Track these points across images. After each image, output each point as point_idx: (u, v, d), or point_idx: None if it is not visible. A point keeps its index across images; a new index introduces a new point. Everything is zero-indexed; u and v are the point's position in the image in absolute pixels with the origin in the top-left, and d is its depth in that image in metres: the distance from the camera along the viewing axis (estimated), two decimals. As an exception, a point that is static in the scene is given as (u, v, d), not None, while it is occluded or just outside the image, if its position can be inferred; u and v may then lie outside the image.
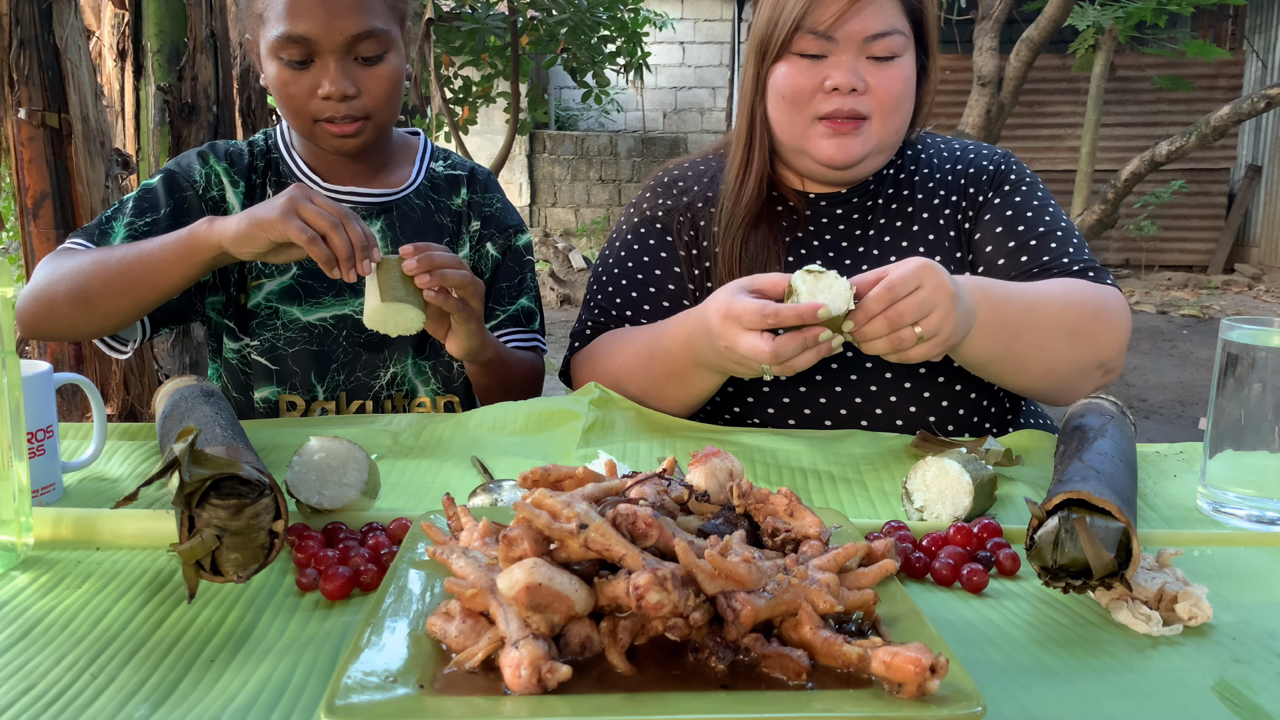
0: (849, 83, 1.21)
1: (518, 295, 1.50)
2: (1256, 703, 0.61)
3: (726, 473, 0.73)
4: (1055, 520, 0.72)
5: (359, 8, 1.28)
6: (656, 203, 1.41)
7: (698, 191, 1.39)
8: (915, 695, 0.52)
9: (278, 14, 1.28)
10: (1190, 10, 5.50)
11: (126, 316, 1.26)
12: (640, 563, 0.57)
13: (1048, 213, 1.31)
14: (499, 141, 8.05)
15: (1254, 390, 0.91)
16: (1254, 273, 8.83)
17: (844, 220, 1.34)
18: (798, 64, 1.24)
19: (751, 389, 1.29)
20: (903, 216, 1.33)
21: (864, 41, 1.22)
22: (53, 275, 1.25)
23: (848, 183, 1.34)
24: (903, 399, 1.26)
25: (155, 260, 1.20)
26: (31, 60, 2.29)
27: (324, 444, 0.88)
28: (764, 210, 1.33)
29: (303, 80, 1.30)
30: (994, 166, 1.35)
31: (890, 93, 1.23)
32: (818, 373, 1.27)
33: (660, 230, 1.38)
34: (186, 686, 0.62)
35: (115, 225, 1.33)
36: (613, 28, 6.22)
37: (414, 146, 1.51)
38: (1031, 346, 1.13)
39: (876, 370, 1.26)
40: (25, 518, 0.81)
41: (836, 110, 1.23)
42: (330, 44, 1.28)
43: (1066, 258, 1.26)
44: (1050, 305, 1.16)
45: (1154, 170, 5.28)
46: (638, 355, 1.24)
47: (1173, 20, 8.14)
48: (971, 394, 1.27)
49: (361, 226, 1.15)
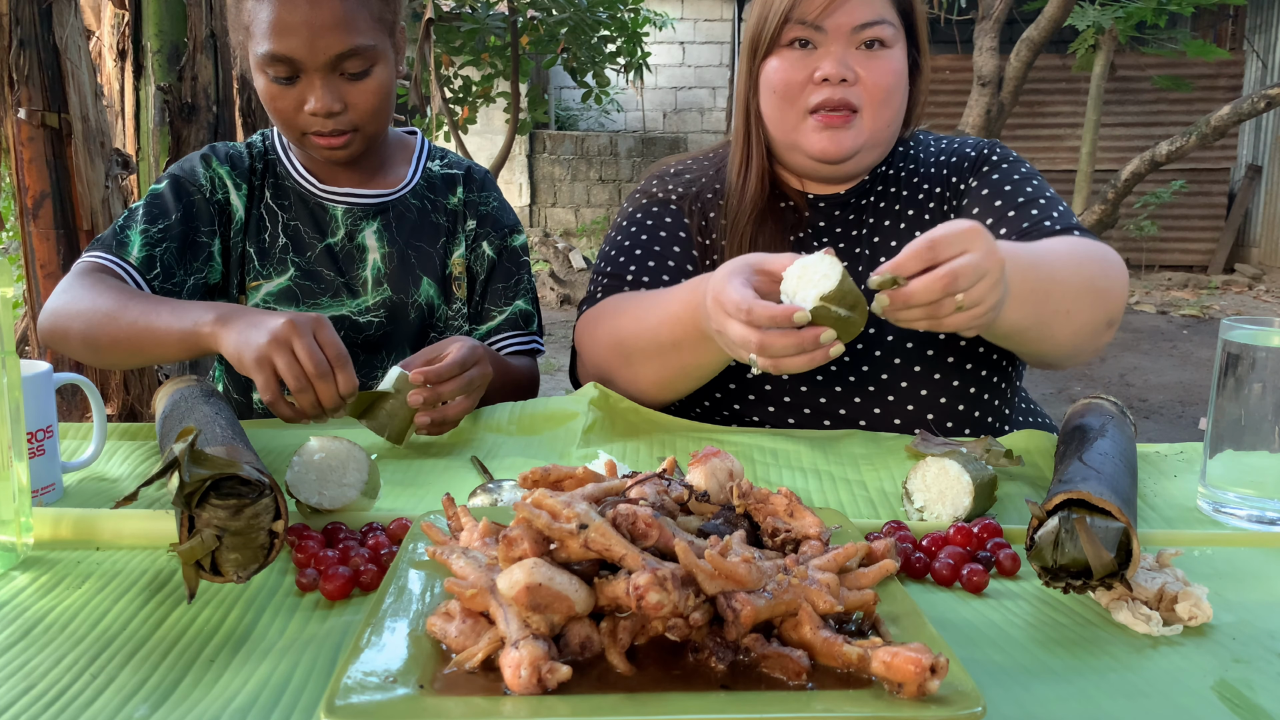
0: (838, 73, 1.21)
1: (514, 297, 1.50)
2: (1256, 703, 0.61)
3: (726, 473, 0.73)
4: (1055, 520, 0.72)
5: (343, 26, 1.27)
6: (666, 188, 1.40)
7: (705, 184, 1.39)
8: (915, 695, 0.52)
9: (263, 31, 1.27)
10: (1190, 10, 5.50)
11: (132, 368, 1.30)
12: (640, 563, 0.57)
13: (1030, 185, 1.28)
14: (499, 141, 8.05)
15: (1254, 390, 0.91)
16: (1254, 273, 8.83)
17: (841, 223, 1.34)
18: (788, 57, 1.24)
19: (752, 388, 1.29)
20: (896, 217, 1.33)
21: (852, 31, 1.22)
22: (70, 307, 1.26)
23: (842, 179, 1.33)
24: (900, 398, 1.26)
25: (159, 337, 1.19)
26: (31, 60, 2.29)
27: (324, 444, 0.88)
28: (769, 208, 1.33)
29: (289, 95, 1.30)
30: (975, 153, 1.34)
31: (881, 84, 1.23)
32: (817, 372, 1.27)
33: (676, 211, 1.38)
34: (186, 686, 0.62)
35: (131, 234, 1.33)
36: (613, 28, 6.23)
37: (411, 146, 1.51)
38: (1058, 311, 1.09)
39: (875, 370, 1.26)
40: (25, 518, 0.81)
41: (826, 101, 1.23)
42: (314, 63, 1.27)
43: (1049, 220, 1.22)
44: (1067, 264, 1.11)
45: (1154, 170, 5.28)
46: (644, 317, 1.20)
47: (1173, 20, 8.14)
48: (971, 389, 1.26)
49: (342, 377, 1.06)
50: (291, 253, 1.41)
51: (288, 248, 1.42)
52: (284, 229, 1.42)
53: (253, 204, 1.43)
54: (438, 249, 1.47)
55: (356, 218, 1.44)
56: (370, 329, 1.43)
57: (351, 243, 1.43)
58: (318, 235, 1.43)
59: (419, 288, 1.45)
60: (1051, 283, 1.08)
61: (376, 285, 1.43)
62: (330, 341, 1.06)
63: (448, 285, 1.48)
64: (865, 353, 1.26)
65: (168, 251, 1.34)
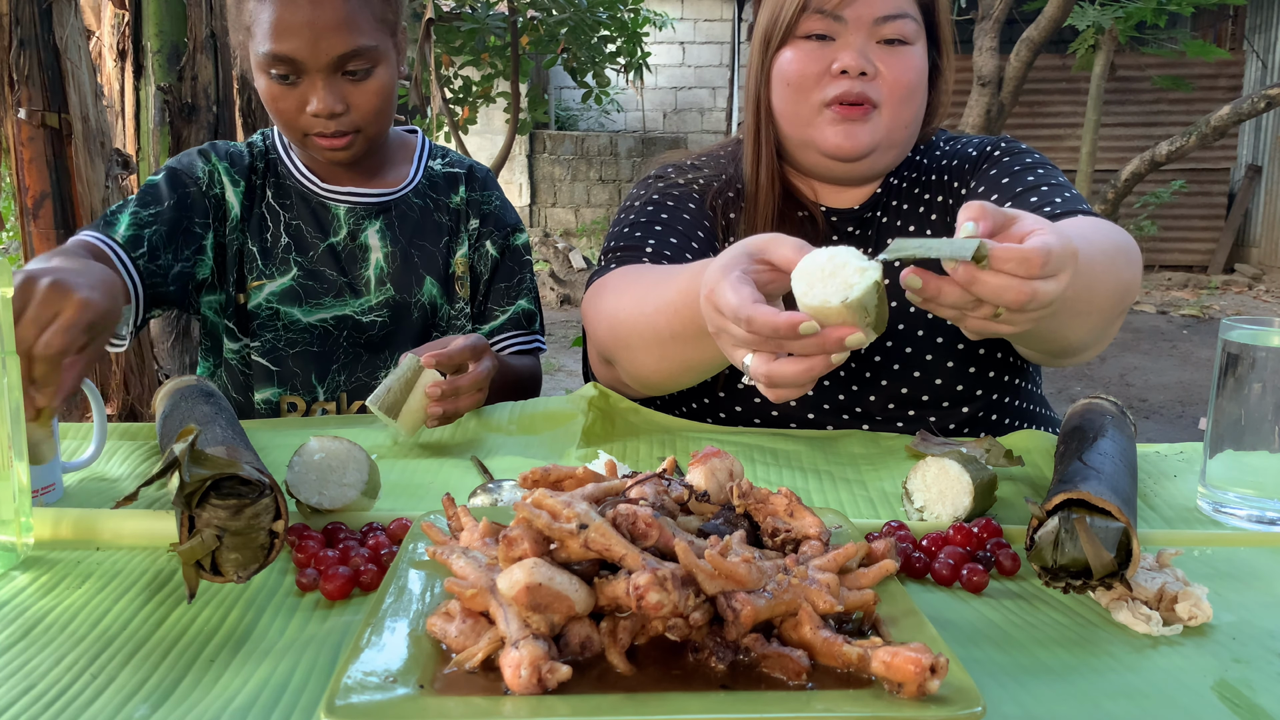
0: (858, 64, 1.15)
1: (516, 296, 1.50)
2: (1256, 703, 0.61)
3: (726, 473, 0.73)
4: (1055, 520, 0.72)
5: (345, 27, 1.27)
6: (686, 177, 1.33)
7: (726, 181, 1.32)
8: (915, 695, 0.52)
9: (264, 31, 1.27)
10: (1190, 10, 5.50)
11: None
12: (640, 563, 0.57)
13: (1037, 170, 1.21)
14: (499, 141, 8.05)
15: (1254, 390, 0.91)
16: (1254, 273, 8.83)
17: (853, 239, 1.29)
18: (804, 48, 1.19)
19: (758, 397, 1.28)
20: (909, 231, 1.29)
21: (874, 24, 1.17)
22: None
23: (855, 181, 1.28)
24: (902, 404, 1.25)
25: None
26: (31, 60, 2.29)
27: (324, 444, 0.88)
28: (785, 214, 1.27)
29: (291, 96, 1.30)
30: (977, 152, 1.29)
31: (902, 80, 1.18)
32: (828, 392, 1.25)
33: (700, 200, 1.30)
34: (186, 686, 0.62)
35: (121, 216, 1.32)
36: (613, 28, 6.22)
37: (412, 145, 1.52)
38: (1097, 294, 0.98)
39: (876, 375, 1.25)
40: (25, 518, 0.81)
41: (845, 93, 1.16)
42: (317, 64, 1.27)
43: (1060, 198, 1.14)
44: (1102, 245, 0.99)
45: (1154, 170, 5.28)
46: (644, 300, 1.08)
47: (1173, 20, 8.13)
48: (978, 391, 1.26)
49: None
50: (294, 252, 1.41)
51: (290, 247, 1.42)
52: (286, 228, 1.42)
53: (252, 203, 1.43)
54: (440, 248, 1.47)
55: (359, 217, 1.44)
56: (373, 329, 1.43)
57: (354, 242, 1.43)
58: (320, 235, 1.43)
59: (422, 287, 1.45)
60: (1097, 266, 0.95)
61: (379, 285, 1.43)
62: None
63: (450, 284, 1.48)
64: (861, 355, 1.25)
65: (156, 234, 1.32)
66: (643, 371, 1.14)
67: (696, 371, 1.10)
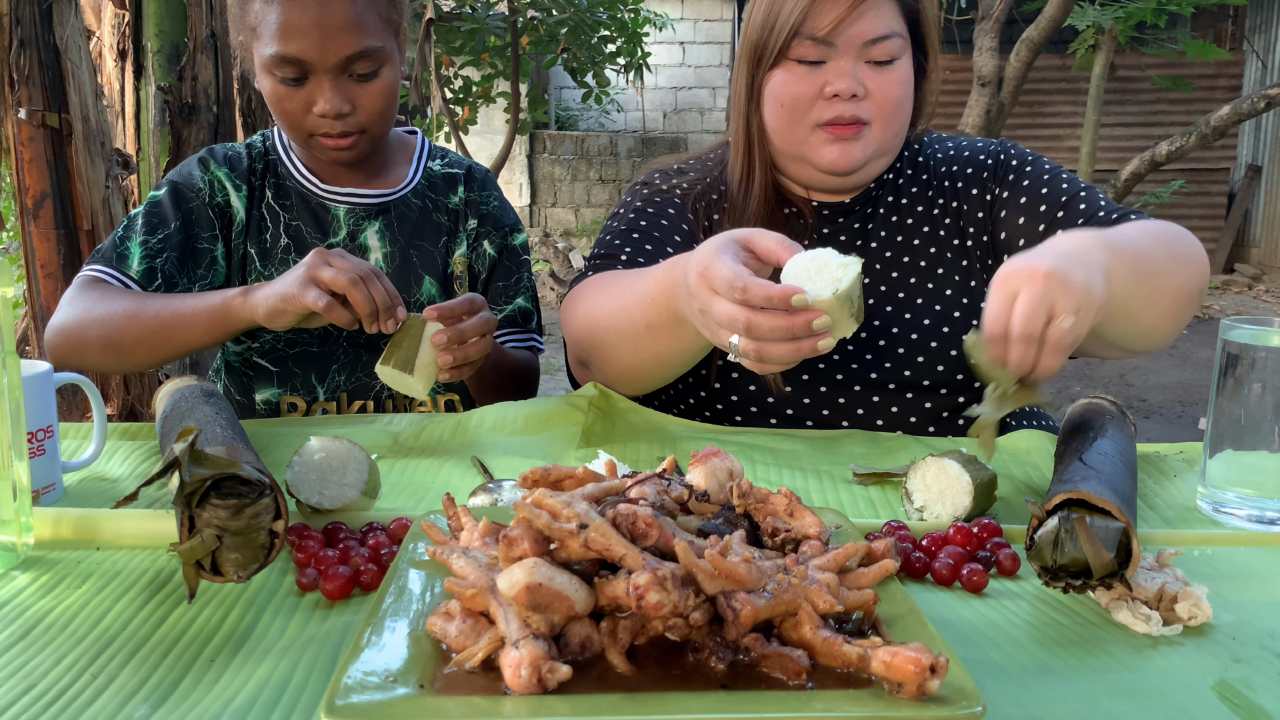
0: (850, 89, 1.20)
1: (514, 295, 1.50)
2: (1256, 703, 0.61)
3: (726, 473, 0.73)
4: (1055, 520, 0.72)
5: (353, 28, 1.27)
6: (670, 183, 1.37)
7: (709, 184, 1.37)
8: (915, 695, 0.52)
9: (271, 32, 1.27)
10: (1190, 10, 5.50)
11: (155, 365, 1.31)
12: (640, 563, 0.57)
13: (1062, 181, 1.27)
14: (499, 141, 8.05)
15: (1254, 390, 0.91)
16: (1254, 273, 8.83)
17: (846, 231, 1.33)
18: (795, 70, 1.22)
19: (738, 386, 1.28)
20: (905, 226, 1.32)
21: (863, 46, 1.20)
22: (83, 317, 1.26)
23: (850, 189, 1.32)
24: (904, 409, 1.25)
25: (188, 322, 1.23)
26: (31, 60, 2.29)
27: (324, 444, 0.88)
28: (773, 216, 1.30)
29: (297, 97, 1.30)
30: (991, 160, 1.33)
31: (890, 97, 1.22)
32: (819, 378, 1.26)
33: (680, 205, 1.34)
34: (186, 686, 0.62)
35: (130, 246, 1.34)
36: (613, 28, 6.22)
37: (411, 146, 1.52)
38: (1155, 289, 1.03)
39: (880, 379, 1.25)
40: (25, 518, 0.81)
41: (838, 116, 1.21)
42: (324, 65, 1.28)
43: (1102, 211, 1.21)
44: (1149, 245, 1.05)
45: (1154, 170, 5.28)
46: (620, 297, 1.13)
47: (1173, 20, 8.13)
48: (976, 383, 1.26)
49: (385, 283, 1.14)
50: (294, 253, 1.41)
51: (289, 248, 1.42)
52: (286, 229, 1.42)
53: (253, 205, 1.43)
54: (439, 248, 1.47)
55: (358, 218, 1.44)
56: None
57: (353, 243, 1.43)
58: (320, 235, 1.43)
59: (421, 287, 1.45)
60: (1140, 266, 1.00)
61: (379, 285, 1.43)
62: (348, 264, 1.13)
63: (449, 284, 1.48)
64: (864, 359, 1.26)
65: (168, 261, 1.34)
66: (617, 367, 1.18)
67: (670, 365, 1.15)
